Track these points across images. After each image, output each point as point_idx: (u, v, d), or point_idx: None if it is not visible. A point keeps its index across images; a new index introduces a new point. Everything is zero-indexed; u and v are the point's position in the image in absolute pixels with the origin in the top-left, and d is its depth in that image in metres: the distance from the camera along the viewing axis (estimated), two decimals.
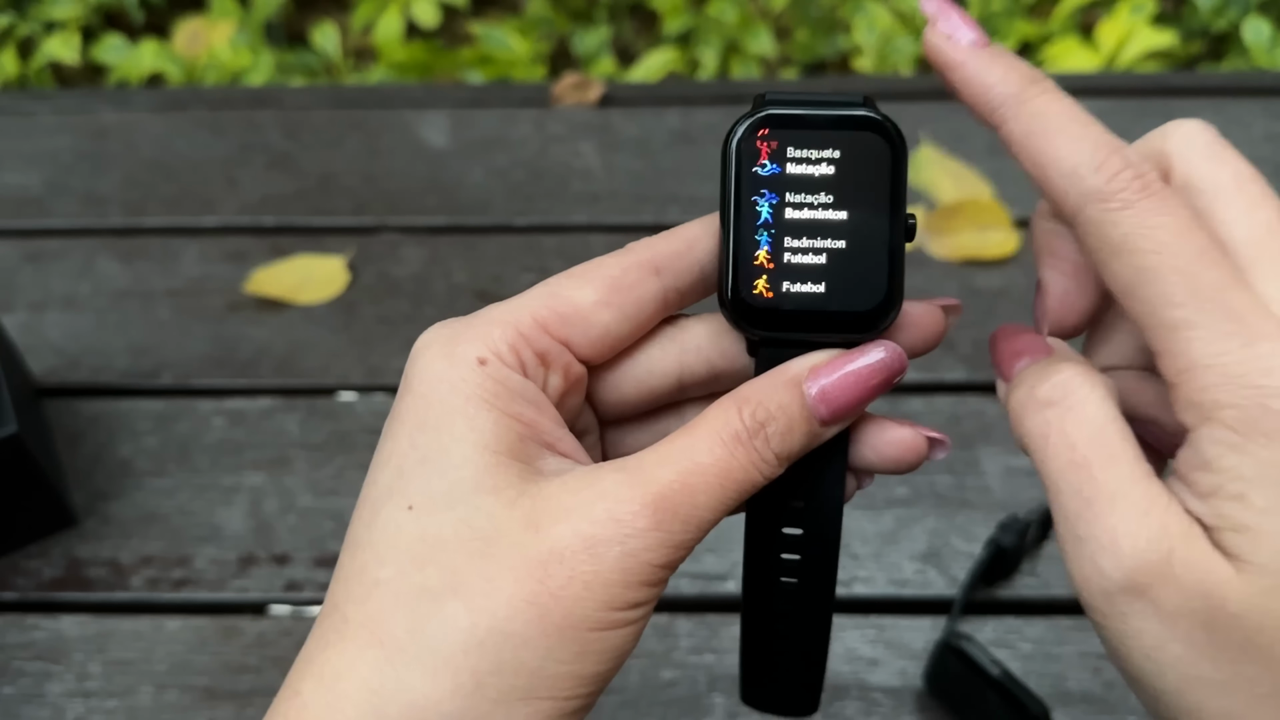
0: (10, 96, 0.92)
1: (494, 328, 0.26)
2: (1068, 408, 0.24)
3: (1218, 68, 1.43)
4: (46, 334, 0.68)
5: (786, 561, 0.29)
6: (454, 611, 0.24)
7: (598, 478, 0.25)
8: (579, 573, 0.24)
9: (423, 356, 0.27)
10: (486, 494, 0.25)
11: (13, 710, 0.52)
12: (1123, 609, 0.23)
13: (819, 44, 1.47)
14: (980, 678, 0.48)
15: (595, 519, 0.24)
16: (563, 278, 0.27)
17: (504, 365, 0.26)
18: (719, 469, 0.25)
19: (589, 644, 0.24)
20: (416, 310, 0.69)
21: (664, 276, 0.27)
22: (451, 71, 1.46)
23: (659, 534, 0.24)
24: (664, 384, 0.29)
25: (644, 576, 0.25)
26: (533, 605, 0.24)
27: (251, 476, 0.61)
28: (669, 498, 0.25)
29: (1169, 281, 0.23)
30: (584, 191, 0.76)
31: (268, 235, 0.74)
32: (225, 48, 1.45)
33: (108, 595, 0.56)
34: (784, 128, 0.26)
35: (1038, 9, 1.50)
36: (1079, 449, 0.24)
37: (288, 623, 0.55)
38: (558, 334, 0.27)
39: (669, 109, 0.82)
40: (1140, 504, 0.23)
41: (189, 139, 0.82)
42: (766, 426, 0.26)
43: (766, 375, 0.27)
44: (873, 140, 0.26)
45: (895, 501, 0.58)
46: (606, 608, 0.24)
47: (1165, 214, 0.24)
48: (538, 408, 0.26)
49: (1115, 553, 0.23)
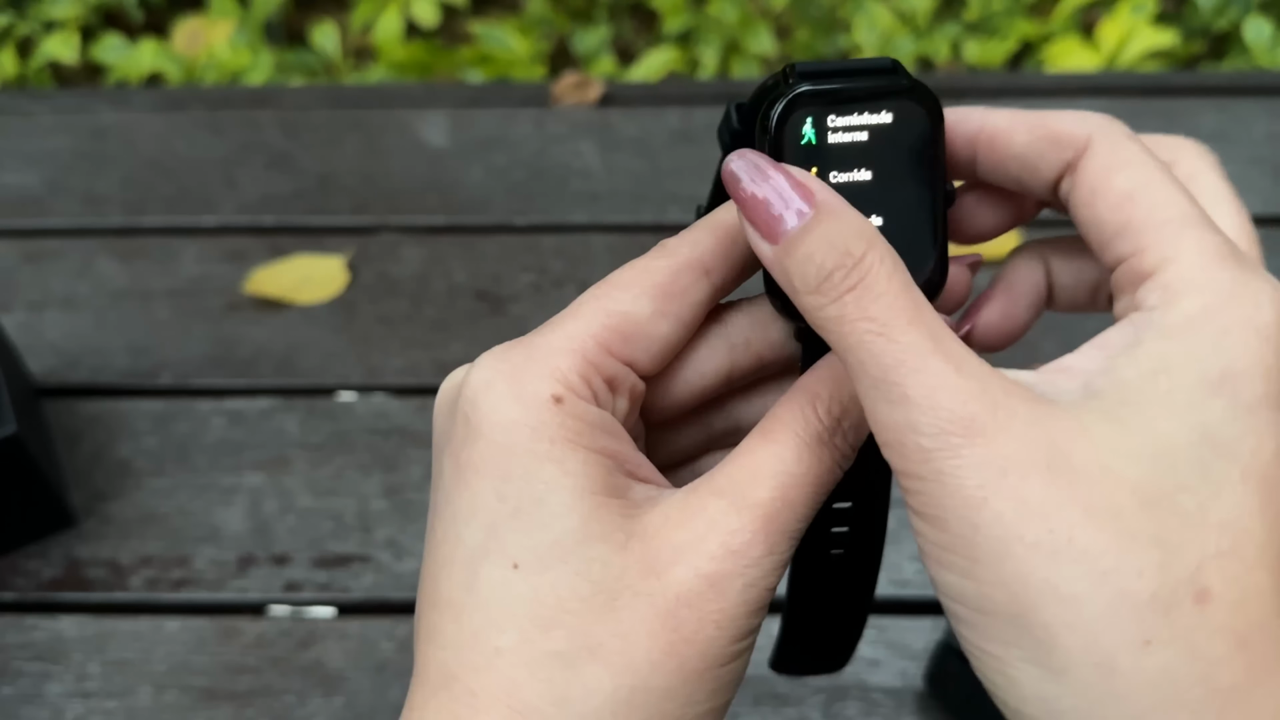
0: (9, 96, 0.92)
1: (560, 358, 0.25)
2: (860, 276, 0.23)
3: (1219, 67, 1.43)
4: (46, 334, 0.68)
5: (836, 534, 0.29)
6: (595, 675, 0.23)
7: (700, 507, 0.24)
8: (708, 614, 0.23)
9: (486, 398, 0.24)
10: (596, 542, 0.24)
11: (12, 711, 0.52)
12: (940, 466, 0.22)
13: (819, 43, 1.47)
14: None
15: (713, 555, 0.23)
16: (610, 289, 0.26)
17: (580, 399, 0.24)
18: (812, 475, 0.24)
19: (721, 679, 0.24)
20: (416, 310, 0.69)
21: (713, 276, 0.26)
22: (451, 71, 1.46)
23: (773, 557, 0.24)
24: (715, 383, 0.28)
25: (763, 602, 0.24)
26: (671, 656, 0.23)
27: (251, 477, 0.61)
28: (774, 518, 0.24)
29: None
30: (584, 191, 0.76)
31: (267, 235, 0.74)
32: (225, 47, 1.45)
33: (107, 596, 0.56)
34: (822, 104, 0.25)
35: (1038, 8, 1.50)
36: (878, 318, 0.22)
37: (287, 623, 0.55)
38: (621, 355, 0.25)
39: (669, 109, 0.82)
40: (954, 362, 0.22)
41: (188, 139, 0.82)
42: (843, 421, 0.25)
43: (827, 366, 0.26)
44: (910, 108, 0.25)
45: (896, 501, 0.58)
46: (734, 640, 0.24)
47: None
48: (616, 437, 0.25)
49: (932, 408, 0.22)
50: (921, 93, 0.25)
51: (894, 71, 0.26)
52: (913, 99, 0.25)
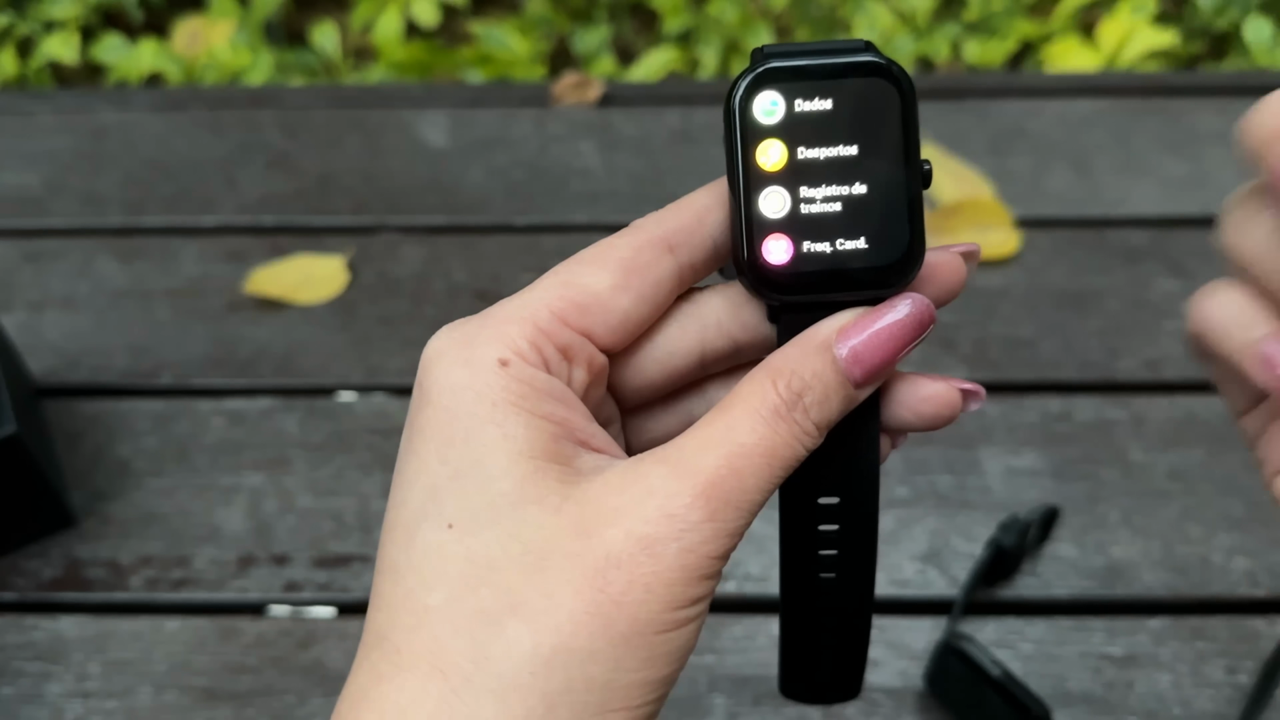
0: (9, 96, 0.92)
1: (511, 325, 0.25)
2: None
3: (1219, 67, 1.43)
4: (46, 334, 0.68)
5: (825, 534, 0.28)
6: (516, 633, 0.23)
7: (642, 473, 0.24)
8: (639, 576, 0.23)
9: (438, 365, 0.25)
10: (530, 504, 0.24)
11: (12, 710, 0.52)
12: None
13: None
14: (981, 678, 0.48)
15: (648, 518, 0.23)
16: (573, 264, 0.26)
17: (527, 364, 0.25)
18: (764, 447, 0.24)
19: (655, 648, 0.23)
20: (416, 310, 0.69)
21: (678, 253, 0.26)
22: (451, 71, 1.46)
23: (714, 524, 0.24)
24: (686, 364, 0.28)
25: (703, 570, 0.24)
26: (596, 616, 0.23)
27: (251, 477, 0.60)
28: (718, 485, 0.24)
29: None
30: (584, 191, 0.76)
31: (267, 235, 0.74)
32: (225, 47, 1.45)
33: (107, 596, 0.56)
34: (787, 80, 0.25)
35: (1038, 8, 1.50)
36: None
37: (287, 623, 0.55)
38: (577, 325, 0.26)
39: (669, 108, 0.82)
40: None
41: (188, 139, 0.82)
42: (804, 396, 0.25)
43: (794, 343, 0.26)
44: (880, 86, 0.25)
45: (896, 502, 0.58)
46: (669, 608, 0.23)
47: None
48: (567, 405, 0.25)
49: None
50: (891, 70, 0.25)
51: (865, 50, 0.25)
52: (882, 76, 0.25)
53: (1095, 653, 0.52)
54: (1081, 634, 0.52)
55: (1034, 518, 0.54)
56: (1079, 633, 0.53)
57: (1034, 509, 0.55)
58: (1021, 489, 0.58)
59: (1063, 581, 0.54)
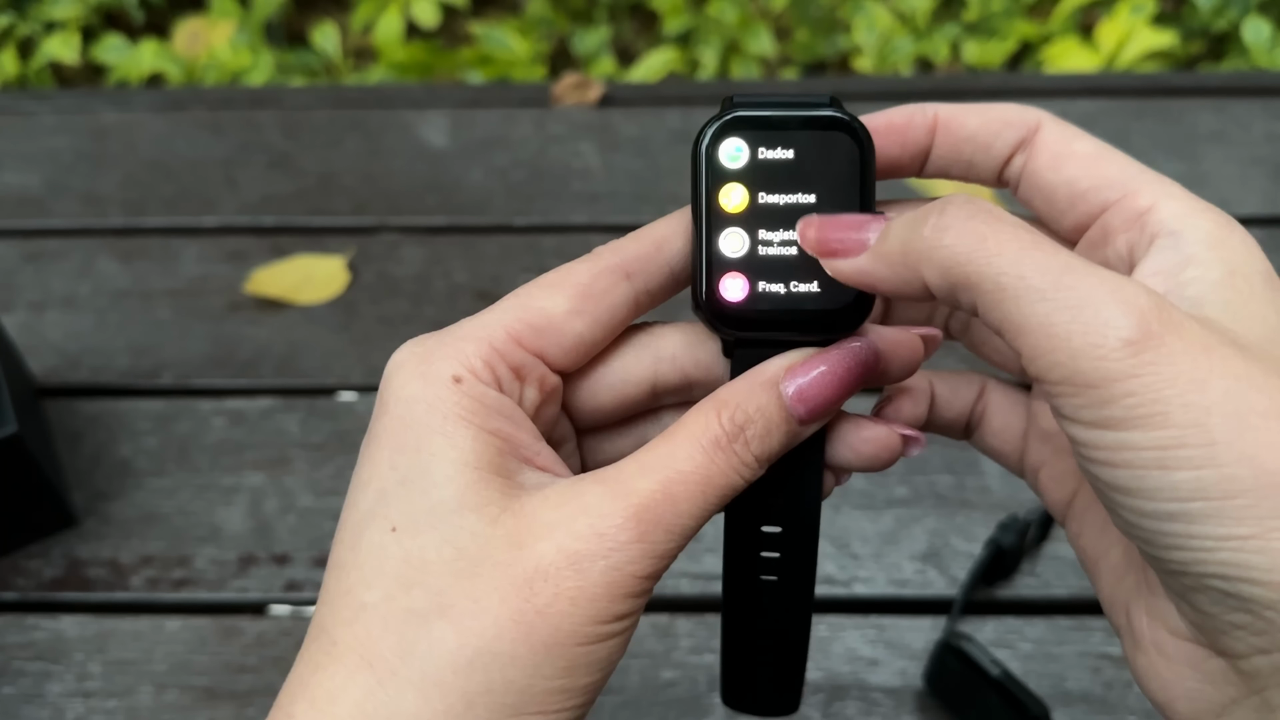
0: (10, 96, 0.92)
1: (467, 344, 0.26)
2: (988, 211, 0.24)
3: (1218, 68, 1.43)
4: (46, 334, 0.68)
5: (766, 559, 0.29)
6: (442, 633, 0.24)
7: (579, 491, 0.25)
8: (564, 589, 0.24)
9: (396, 377, 0.26)
10: (469, 512, 0.25)
11: (13, 710, 0.52)
12: (1151, 357, 0.22)
13: (819, 44, 1.47)
14: (980, 678, 0.48)
15: (578, 534, 0.24)
16: (532, 287, 0.27)
17: (479, 382, 0.26)
18: (700, 475, 0.25)
19: (576, 659, 0.24)
20: (416, 310, 0.69)
21: (635, 280, 0.28)
22: (451, 71, 1.46)
23: (642, 545, 0.24)
24: (638, 392, 0.29)
25: (629, 589, 0.25)
26: (519, 624, 0.24)
27: (251, 476, 0.61)
28: (651, 508, 0.25)
29: None
30: (584, 191, 0.76)
31: (267, 235, 0.74)
32: (225, 48, 1.45)
33: (108, 595, 0.56)
34: (752, 129, 0.26)
35: (1037, 9, 1.50)
36: (1027, 235, 0.23)
37: (287, 623, 0.55)
38: (531, 346, 0.27)
39: (669, 109, 0.82)
40: (1112, 271, 0.23)
41: (189, 139, 0.82)
42: (746, 430, 0.26)
43: (743, 377, 0.27)
44: (840, 139, 0.26)
45: (895, 501, 0.58)
46: (593, 622, 0.24)
47: None
48: (515, 422, 0.26)
49: (1123, 301, 0.22)
50: (852, 125, 0.26)
51: (829, 105, 0.27)
52: (841, 130, 0.26)
53: (1094, 652, 0.52)
54: (1081, 634, 0.53)
55: (1033, 517, 0.55)
56: (1078, 632, 0.53)
57: (1033, 509, 0.55)
58: (1021, 489, 0.58)
59: (1062, 581, 0.55)
